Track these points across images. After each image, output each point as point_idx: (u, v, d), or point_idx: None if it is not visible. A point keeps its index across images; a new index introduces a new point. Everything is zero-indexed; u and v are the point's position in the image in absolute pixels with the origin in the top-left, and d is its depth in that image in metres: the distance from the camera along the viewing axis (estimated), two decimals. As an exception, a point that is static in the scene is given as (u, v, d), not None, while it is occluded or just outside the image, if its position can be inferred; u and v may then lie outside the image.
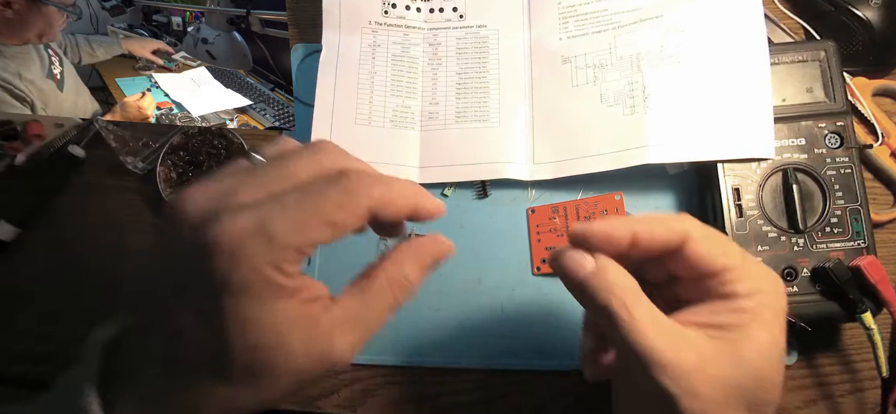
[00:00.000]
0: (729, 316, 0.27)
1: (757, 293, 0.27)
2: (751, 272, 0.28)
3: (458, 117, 0.47)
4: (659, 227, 0.28)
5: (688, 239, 0.28)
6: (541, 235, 0.44)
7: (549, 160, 0.46)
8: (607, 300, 0.27)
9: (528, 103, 0.47)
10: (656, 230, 0.28)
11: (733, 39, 0.44)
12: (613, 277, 0.28)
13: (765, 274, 0.28)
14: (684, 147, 0.42)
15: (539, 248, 0.44)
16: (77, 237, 0.49)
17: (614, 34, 0.47)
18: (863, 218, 0.40)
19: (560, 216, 0.44)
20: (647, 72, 0.45)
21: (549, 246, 0.44)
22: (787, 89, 0.43)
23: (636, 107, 0.44)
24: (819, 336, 0.42)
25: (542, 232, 0.44)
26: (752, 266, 0.28)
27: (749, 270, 0.28)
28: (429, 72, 0.49)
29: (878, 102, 0.47)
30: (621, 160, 0.43)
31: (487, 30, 0.49)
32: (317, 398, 0.44)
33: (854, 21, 0.46)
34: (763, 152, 0.41)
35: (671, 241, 0.28)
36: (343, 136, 0.47)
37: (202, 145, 0.48)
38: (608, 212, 0.43)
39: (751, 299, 0.27)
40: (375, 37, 0.49)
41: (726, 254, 0.28)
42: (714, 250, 0.28)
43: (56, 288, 0.48)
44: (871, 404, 0.41)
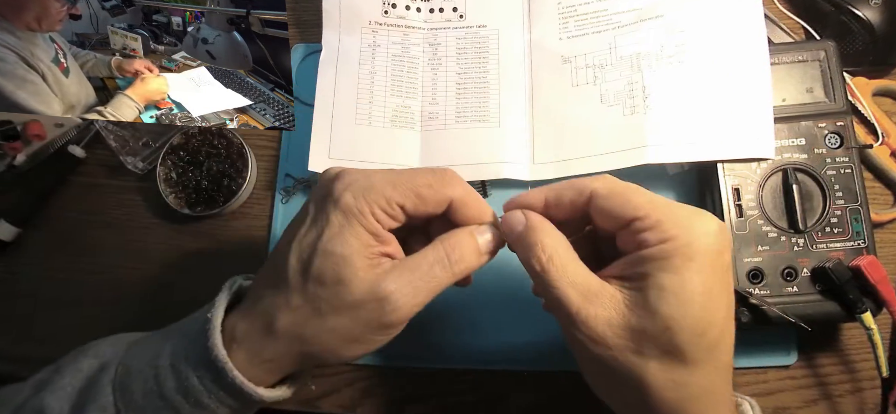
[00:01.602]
0: (638, 266, 0.29)
1: (668, 240, 0.28)
2: (663, 220, 0.29)
3: (458, 117, 0.47)
4: (567, 190, 0.32)
5: (593, 196, 0.31)
6: None
7: (550, 160, 0.46)
8: (529, 255, 0.30)
9: (528, 103, 0.47)
10: (564, 193, 0.32)
11: (733, 39, 0.44)
12: (540, 236, 0.30)
13: (679, 219, 0.29)
14: (684, 147, 0.42)
15: None
16: (77, 237, 0.49)
17: (614, 34, 0.47)
18: (863, 218, 0.40)
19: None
20: (647, 72, 0.45)
21: None
22: (787, 89, 0.43)
23: (636, 107, 0.44)
24: (819, 336, 0.42)
25: None
26: (667, 213, 0.29)
27: (661, 218, 0.29)
28: (429, 72, 0.49)
29: (878, 102, 0.47)
30: (621, 160, 0.43)
31: (487, 30, 0.49)
32: (317, 398, 0.44)
33: (854, 21, 0.46)
34: (763, 152, 0.41)
35: (578, 200, 0.31)
36: (343, 136, 0.47)
37: (202, 145, 0.48)
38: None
39: (659, 247, 0.28)
40: (375, 37, 0.49)
41: (633, 205, 0.29)
42: (617, 202, 0.30)
43: (56, 288, 0.48)
44: (871, 404, 0.41)
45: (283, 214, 0.48)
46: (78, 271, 0.48)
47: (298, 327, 0.30)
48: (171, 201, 0.47)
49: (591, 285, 0.29)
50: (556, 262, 0.29)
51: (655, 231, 0.28)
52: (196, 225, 0.49)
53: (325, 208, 0.30)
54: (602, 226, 0.31)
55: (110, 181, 0.50)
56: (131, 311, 0.47)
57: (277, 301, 0.30)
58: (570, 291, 0.29)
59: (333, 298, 0.30)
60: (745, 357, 0.42)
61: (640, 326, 0.28)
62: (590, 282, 0.29)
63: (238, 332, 0.31)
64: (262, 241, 0.48)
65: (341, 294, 0.29)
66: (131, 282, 0.48)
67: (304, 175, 0.48)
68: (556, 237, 0.31)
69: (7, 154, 0.48)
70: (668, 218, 0.28)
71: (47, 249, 0.49)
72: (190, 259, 0.48)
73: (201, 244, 0.48)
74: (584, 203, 0.31)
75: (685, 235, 0.28)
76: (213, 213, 0.47)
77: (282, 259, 0.31)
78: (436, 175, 0.32)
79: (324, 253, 0.30)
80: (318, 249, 0.30)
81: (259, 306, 0.31)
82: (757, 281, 0.40)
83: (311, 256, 0.30)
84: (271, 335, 0.30)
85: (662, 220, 0.28)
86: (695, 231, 0.28)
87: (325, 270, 0.30)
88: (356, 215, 0.30)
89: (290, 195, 0.49)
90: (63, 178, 0.50)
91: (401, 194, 0.30)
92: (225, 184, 0.47)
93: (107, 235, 0.49)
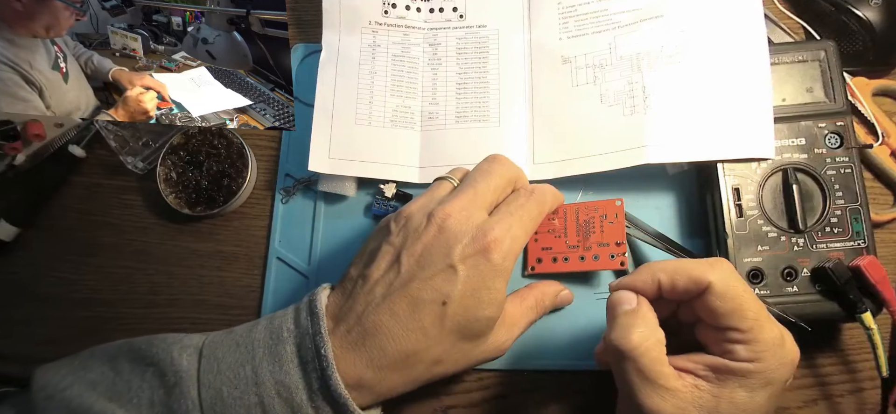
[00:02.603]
0: (718, 372, 0.30)
1: (756, 361, 0.29)
2: (758, 340, 0.30)
3: (459, 117, 0.47)
4: (682, 278, 0.31)
5: (708, 290, 0.30)
6: (538, 235, 0.44)
7: (550, 160, 0.46)
8: (620, 346, 0.30)
9: (528, 103, 0.47)
10: (678, 281, 0.31)
11: (733, 39, 0.44)
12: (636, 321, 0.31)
13: (770, 344, 0.30)
14: (684, 147, 0.42)
15: (535, 248, 0.44)
16: (77, 237, 0.49)
17: (614, 34, 0.47)
18: (863, 218, 0.40)
19: (560, 218, 0.43)
20: (647, 72, 0.45)
21: (546, 246, 0.43)
22: (787, 89, 0.43)
23: (636, 107, 0.44)
24: (819, 336, 0.42)
25: (541, 233, 0.44)
26: (763, 334, 0.30)
27: (757, 337, 0.30)
28: (429, 72, 0.49)
29: (878, 102, 0.47)
30: (622, 160, 0.43)
31: (487, 30, 0.49)
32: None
33: (854, 21, 0.46)
34: (763, 152, 0.41)
35: (691, 290, 0.31)
36: (343, 137, 0.47)
37: (202, 145, 0.48)
38: (607, 217, 0.42)
39: (745, 365, 0.29)
40: (375, 37, 0.49)
41: (739, 314, 0.30)
42: (728, 307, 0.30)
43: (56, 288, 0.48)
44: (871, 404, 0.41)
45: (283, 214, 0.48)
46: (78, 271, 0.48)
47: (434, 370, 0.34)
48: (171, 201, 0.47)
49: (669, 381, 0.30)
50: (648, 358, 0.30)
51: (748, 348, 0.30)
52: (196, 225, 0.49)
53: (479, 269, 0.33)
54: (701, 316, 0.32)
55: (110, 181, 0.50)
56: (132, 311, 0.47)
57: (418, 353, 0.33)
58: (647, 388, 0.30)
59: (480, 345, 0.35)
60: (745, 357, 0.42)
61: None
62: (669, 378, 0.30)
63: (366, 378, 0.32)
64: (261, 241, 0.48)
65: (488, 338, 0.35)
66: (131, 282, 0.48)
67: (304, 175, 0.48)
68: (655, 332, 0.31)
69: (7, 154, 0.48)
70: (764, 341, 0.30)
71: (47, 249, 0.49)
72: (190, 259, 0.48)
73: (201, 244, 0.48)
74: (697, 293, 0.31)
75: (773, 363, 0.30)
76: (213, 213, 0.47)
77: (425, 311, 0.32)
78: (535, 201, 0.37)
79: (483, 319, 0.34)
80: (479, 315, 0.33)
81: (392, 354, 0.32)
82: (757, 281, 0.40)
83: (469, 322, 0.33)
84: (400, 382, 0.33)
85: (759, 341, 0.30)
86: (781, 361, 0.30)
87: (481, 330, 0.34)
88: (507, 273, 0.34)
89: (290, 195, 0.49)
90: (63, 178, 0.50)
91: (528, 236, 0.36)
92: (225, 184, 0.47)
93: (107, 235, 0.49)
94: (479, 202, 0.35)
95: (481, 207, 0.35)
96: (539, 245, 0.44)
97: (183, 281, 0.48)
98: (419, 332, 0.32)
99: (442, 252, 0.33)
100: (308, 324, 0.32)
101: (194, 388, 0.31)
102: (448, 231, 0.33)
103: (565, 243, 0.43)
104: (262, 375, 0.31)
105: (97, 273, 0.48)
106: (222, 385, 0.31)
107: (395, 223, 0.36)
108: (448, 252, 0.33)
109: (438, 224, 0.34)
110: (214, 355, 0.32)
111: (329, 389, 0.31)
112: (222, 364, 0.32)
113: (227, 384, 0.31)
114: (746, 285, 0.31)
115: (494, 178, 0.36)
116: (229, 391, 0.31)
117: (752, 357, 0.29)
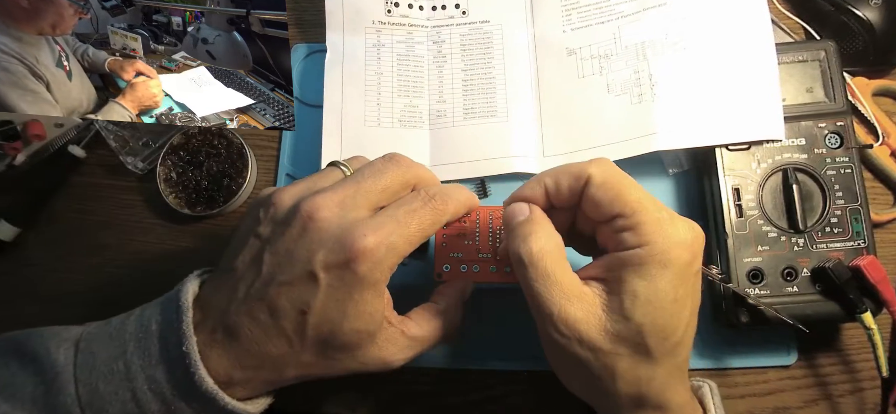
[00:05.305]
0: (615, 270, 0.30)
1: (645, 245, 0.29)
2: (644, 223, 0.30)
3: (466, 114, 0.47)
4: (564, 177, 0.32)
5: (589, 183, 0.31)
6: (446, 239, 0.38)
7: (559, 152, 0.46)
8: (519, 246, 0.31)
9: (535, 97, 0.47)
10: (561, 180, 0.32)
11: (737, 22, 0.44)
12: (536, 228, 0.31)
13: (658, 225, 0.30)
14: (694, 133, 0.42)
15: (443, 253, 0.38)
16: (77, 237, 0.49)
17: (618, 24, 0.47)
18: (863, 218, 0.40)
19: (471, 221, 0.38)
20: (652, 60, 0.45)
21: (454, 251, 0.38)
22: (788, 89, 0.43)
23: (643, 95, 0.44)
24: (819, 336, 0.42)
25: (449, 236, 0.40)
26: (649, 216, 0.30)
27: (642, 220, 0.30)
28: (434, 70, 0.49)
29: (878, 102, 0.47)
30: (631, 149, 0.43)
31: (491, 25, 0.49)
32: (317, 399, 0.44)
33: (854, 21, 0.46)
34: (773, 134, 0.41)
35: (575, 187, 0.32)
36: (354, 139, 0.47)
37: (202, 145, 0.48)
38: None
39: (635, 252, 0.30)
40: (379, 37, 0.49)
41: (621, 200, 0.30)
42: (609, 195, 0.30)
43: (56, 288, 0.48)
44: (871, 404, 0.42)
45: (284, 214, 0.48)
46: (78, 271, 0.48)
47: (308, 371, 0.32)
48: (171, 201, 0.47)
49: (574, 288, 0.30)
50: (548, 261, 0.30)
51: (635, 233, 0.30)
52: (196, 225, 0.49)
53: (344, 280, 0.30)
54: (588, 214, 0.32)
55: (110, 181, 0.50)
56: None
57: (284, 358, 0.31)
58: (554, 291, 0.30)
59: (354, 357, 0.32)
60: (745, 357, 0.42)
61: (614, 329, 0.29)
62: (573, 285, 0.30)
63: (236, 377, 0.31)
64: (262, 241, 0.48)
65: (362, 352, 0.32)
66: (131, 282, 0.48)
67: (305, 175, 0.48)
68: (552, 237, 0.31)
69: (7, 154, 0.48)
70: (649, 222, 0.30)
71: (47, 249, 0.49)
72: (190, 259, 0.48)
73: (201, 244, 0.48)
74: (580, 189, 0.32)
75: (662, 242, 0.29)
76: (213, 213, 0.47)
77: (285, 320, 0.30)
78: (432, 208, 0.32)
79: (349, 332, 0.31)
80: (344, 329, 0.30)
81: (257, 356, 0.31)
82: (757, 281, 0.40)
83: (333, 334, 0.31)
84: (276, 379, 0.32)
85: (643, 223, 0.30)
86: (670, 239, 0.30)
87: (349, 342, 0.31)
88: (378, 285, 0.31)
89: (290, 195, 0.48)
90: (63, 178, 0.50)
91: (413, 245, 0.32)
92: (225, 184, 0.47)
93: (107, 235, 0.49)
94: (360, 200, 0.31)
95: (362, 207, 0.31)
96: (447, 250, 0.38)
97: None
98: (282, 338, 0.30)
99: (303, 256, 0.30)
100: (173, 318, 0.31)
101: (71, 383, 0.30)
102: (313, 231, 0.30)
103: (476, 250, 0.37)
104: (133, 370, 0.30)
105: (97, 273, 0.48)
106: (98, 380, 0.30)
107: (264, 210, 0.33)
108: (309, 258, 0.30)
109: (305, 219, 0.30)
110: (90, 349, 0.31)
111: (194, 384, 0.30)
112: (97, 358, 0.31)
113: (101, 379, 0.30)
114: (627, 175, 0.31)
115: (385, 178, 0.33)
116: (105, 386, 0.30)
117: (640, 241, 0.29)
